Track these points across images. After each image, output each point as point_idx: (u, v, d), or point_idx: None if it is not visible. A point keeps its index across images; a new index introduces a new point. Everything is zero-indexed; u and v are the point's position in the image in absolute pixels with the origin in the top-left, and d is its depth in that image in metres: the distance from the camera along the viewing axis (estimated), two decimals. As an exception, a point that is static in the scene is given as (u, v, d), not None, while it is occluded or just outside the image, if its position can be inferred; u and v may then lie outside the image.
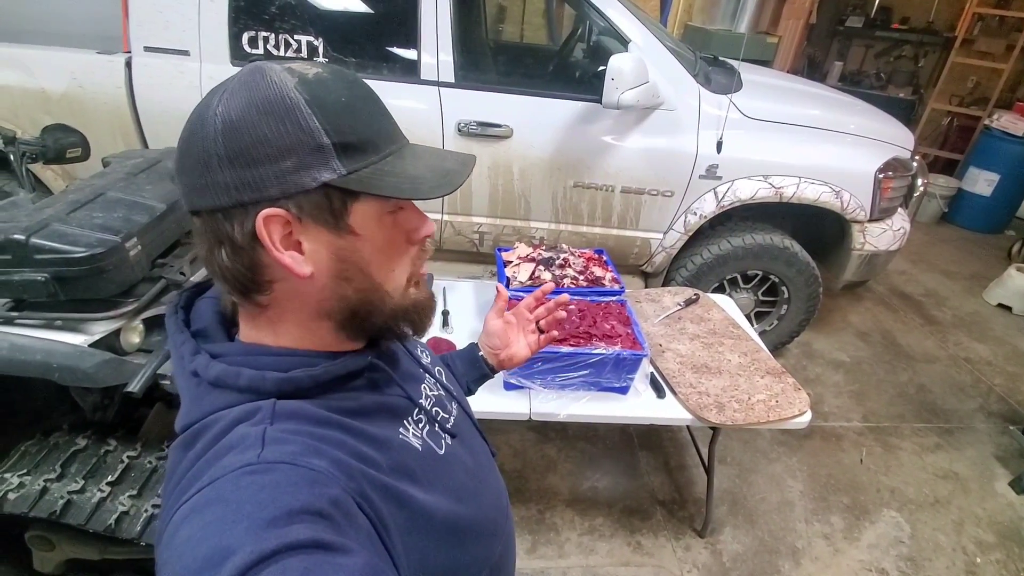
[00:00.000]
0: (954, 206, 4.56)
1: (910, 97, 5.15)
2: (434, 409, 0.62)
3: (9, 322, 1.20)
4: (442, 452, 0.58)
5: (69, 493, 1.20)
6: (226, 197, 0.45)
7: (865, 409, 2.54)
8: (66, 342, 1.18)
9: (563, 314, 0.93)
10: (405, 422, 0.56)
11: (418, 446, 0.55)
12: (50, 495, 1.19)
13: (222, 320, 0.56)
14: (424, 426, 0.59)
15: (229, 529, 0.37)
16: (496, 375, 0.94)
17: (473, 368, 0.92)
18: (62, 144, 1.64)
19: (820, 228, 2.57)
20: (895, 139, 2.46)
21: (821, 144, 2.33)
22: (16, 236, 1.11)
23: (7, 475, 1.21)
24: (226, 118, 0.44)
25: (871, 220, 2.38)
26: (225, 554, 0.36)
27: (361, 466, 0.47)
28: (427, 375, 0.66)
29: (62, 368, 1.16)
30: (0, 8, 2.31)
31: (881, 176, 2.30)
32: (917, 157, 2.57)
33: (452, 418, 0.65)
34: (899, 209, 2.54)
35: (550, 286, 0.96)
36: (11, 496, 1.17)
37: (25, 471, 1.22)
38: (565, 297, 0.92)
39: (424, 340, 1.58)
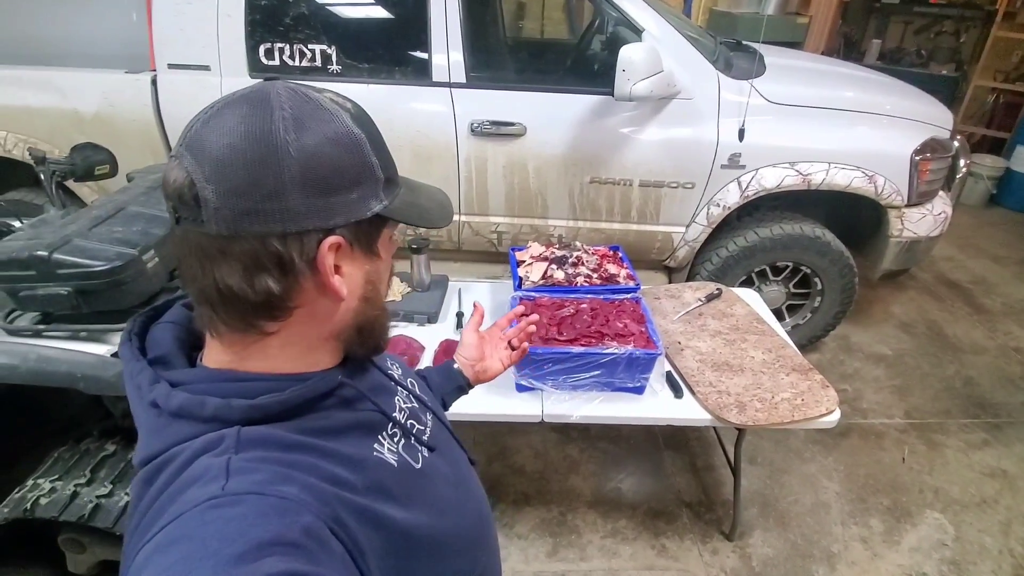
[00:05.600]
0: (1002, 187, 4.29)
1: (953, 74, 4.86)
2: (409, 422, 0.61)
3: (38, 335, 1.26)
4: (419, 466, 0.57)
5: (97, 497, 1.25)
6: (292, 223, 0.45)
7: (908, 405, 2.42)
8: (90, 352, 1.24)
9: (533, 328, 1.01)
10: (380, 437, 0.55)
11: (394, 462, 0.54)
12: (80, 499, 1.24)
13: (181, 346, 0.53)
14: (399, 440, 0.58)
15: (196, 568, 0.35)
16: (473, 389, 0.96)
17: (449, 380, 0.92)
18: (90, 162, 1.70)
19: (855, 215, 2.45)
20: (932, 118, 2.32)
21: (851, 127, 2.22)
22: (39, 252, 1.17)
23: (40, 481, 1.27)
24: (303, 147, 0.44)
25: (909, 205, 2.26)
26: None
27: (335, 490, 0.46)
28: (399, 388, 0.65)
29: (86, 378, 1.21)
30: (34, 34, 2.42)
31: (918, 158, 2.18)
32: (958, 136, 2.43)
33: (428, 430, 0.64)
34: (940, 192, 2.40)
35: (520, 308, 1.13)
36: (43, 501, 1.22)
37: (57, 476, 1.28)
38: (535, 317, 1.03)
39: (438, 344, 1.60)
